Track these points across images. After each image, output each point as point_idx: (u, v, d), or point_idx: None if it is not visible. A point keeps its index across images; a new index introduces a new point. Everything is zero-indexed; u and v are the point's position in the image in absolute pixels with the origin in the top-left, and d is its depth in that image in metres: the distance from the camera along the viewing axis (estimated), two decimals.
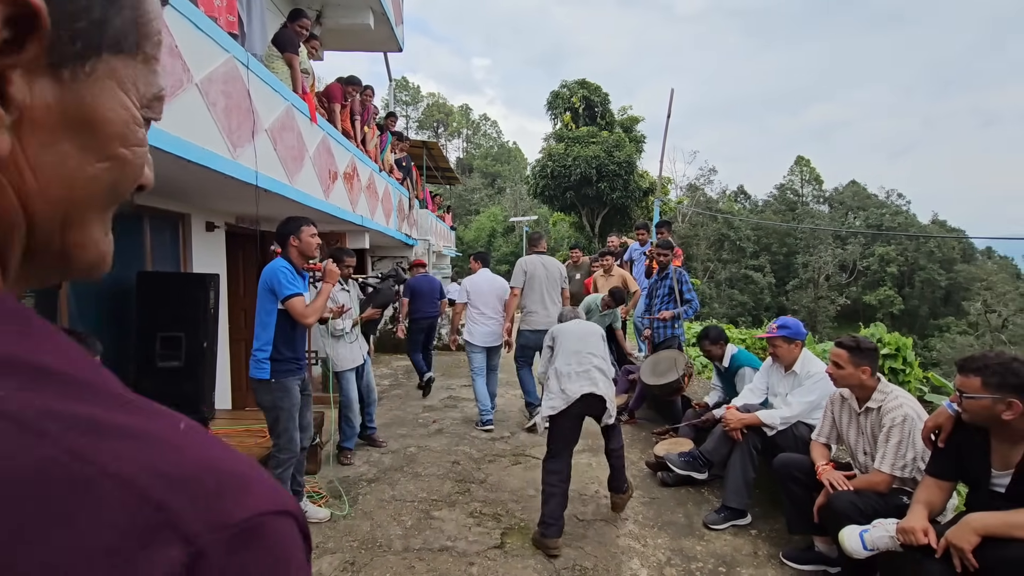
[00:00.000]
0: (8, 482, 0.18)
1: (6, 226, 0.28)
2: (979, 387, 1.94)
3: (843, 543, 2.27)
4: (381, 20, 7.33)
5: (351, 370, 4.34)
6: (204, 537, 0.21)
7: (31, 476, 0.19)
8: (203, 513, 0.22)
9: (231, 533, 0.23)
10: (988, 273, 38.50)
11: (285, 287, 2.90)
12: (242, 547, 0.22)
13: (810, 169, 46.36)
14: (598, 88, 25.89)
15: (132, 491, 0.20)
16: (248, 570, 0.22)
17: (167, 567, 0.20)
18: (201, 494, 0.22)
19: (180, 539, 0.21)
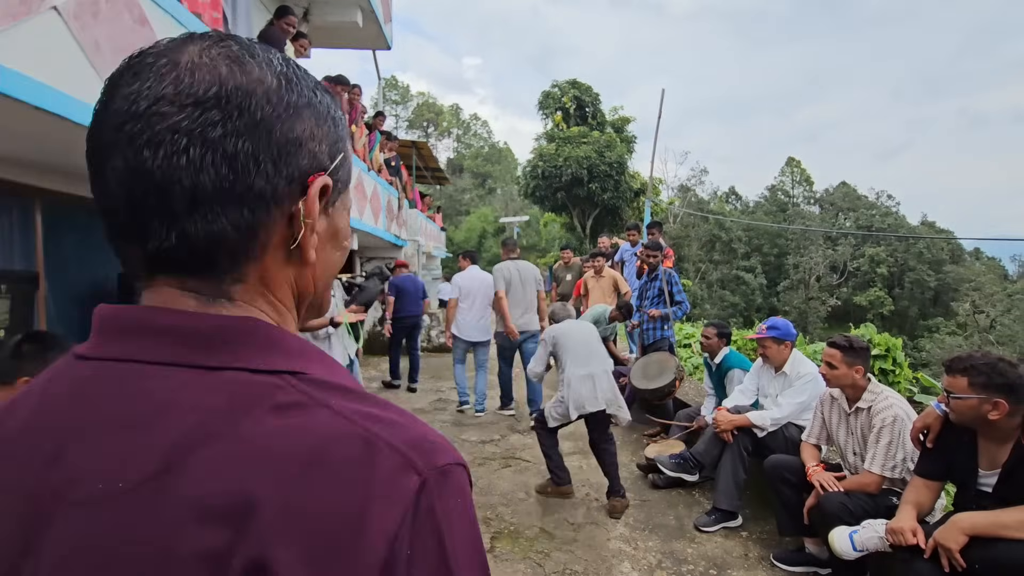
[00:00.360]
0: (343, 442, 0.36)
1: (306, 295, 0.49)
2: (966, 387, 1.94)
3: (833, 544, 2.26)
4: (369, 17, 7.29)
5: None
6: (425, 472, 0.37)
7: (354, 443, 0.37)
8: (424, 459, 0.38)
9: (439, 471, 0.38)
10: (976, 274, 39.04)
11: None
12: (443, 479, 0.39)
13: (801, 170, 46.74)
14: (589, 88, 25.96)
15: (393, 449, 0.37)
16: (446, 492, 0.38)
17: (411, 486, 0.36)
18: (422, 450, 0.38)
19: (415, 472, 0.37)
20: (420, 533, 0.36)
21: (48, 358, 1.98)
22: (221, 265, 0.42)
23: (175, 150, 0.38)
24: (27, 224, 3.20)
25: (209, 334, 0.40)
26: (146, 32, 2.65)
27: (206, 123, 0.39)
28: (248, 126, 0.40)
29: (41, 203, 3.26)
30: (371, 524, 0.34)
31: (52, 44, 2.13)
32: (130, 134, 0.39)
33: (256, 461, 0.35)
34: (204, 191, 0.39)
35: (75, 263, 3.57)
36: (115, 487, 0.35)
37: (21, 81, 1.96)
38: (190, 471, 0.35)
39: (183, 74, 0.40)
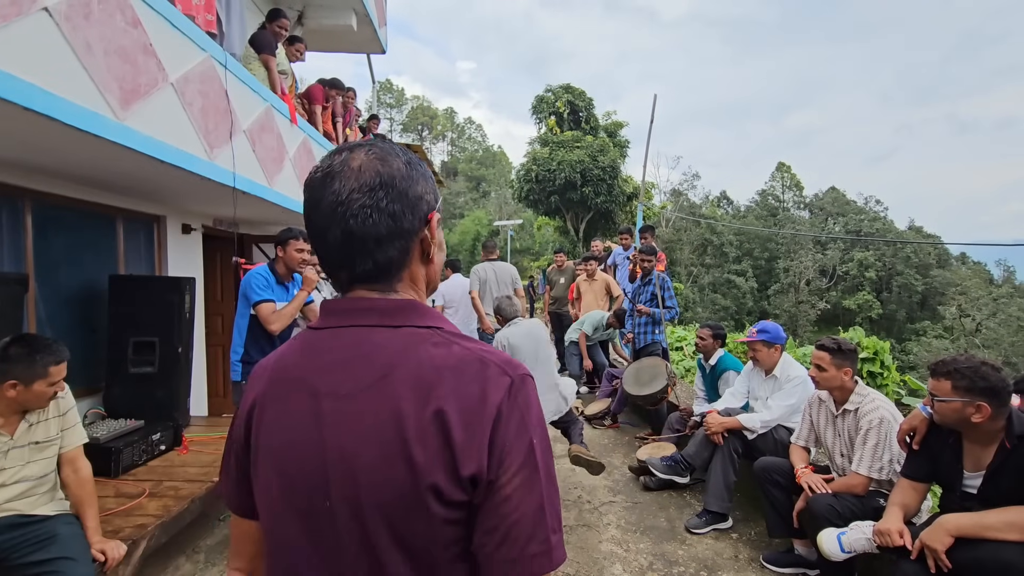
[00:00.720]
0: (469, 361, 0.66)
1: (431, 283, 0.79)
2: (949, 390, 1.97)
3: (821, 546, 2.28)
4: (364, 21, 7.28)
5: None
6: (513, 375, 0.67)
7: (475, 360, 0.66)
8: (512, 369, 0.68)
9: (520, 376, 0.68)
10: (962, 278, 39.54)
11: (256, 292, 2.94)
12: (522, 380, 0.68)
13: (791, 175, 47.19)
14: (583, 93, 26.07)
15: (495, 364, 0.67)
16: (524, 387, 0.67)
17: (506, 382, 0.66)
18: (511, 365, 0.68)
19: (508, 375, 0.66)
20: (512, 405, 0.66)
21: (36, 360, 1.97)
22: (391, 273, 0.73)
23: (366, 217, 0.68)
24: (16, 225, 3.17)
25: (391, 309, 0.71)
26: (138, 33, 2.64)
27: (378, 199, 0.69)
28: (397, 194, 0.70)
29: (31, 204, 3.23)
30: (489, 398, 0.65)
31: (43, 45, 2.11)
32: (341, 214, 0.68)
33: (429, 368, 0.66)
34: (382, 236, 0.70)
35: (65, 265, 3.53)
36: (355, 387, 0.67)
37: (11, 82, 1.94)
38: (396, 376, 0.66)
39: (359, 175, 0.70)
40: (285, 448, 0.68)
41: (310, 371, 0.70)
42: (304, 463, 0.66)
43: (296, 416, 0.69)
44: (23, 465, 2.00)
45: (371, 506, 0.63)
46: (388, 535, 0.63)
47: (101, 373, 3.66)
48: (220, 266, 5.51)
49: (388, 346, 0.68)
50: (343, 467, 0.64)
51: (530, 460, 0.65)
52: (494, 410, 0.64)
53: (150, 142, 2.70)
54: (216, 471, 3.07)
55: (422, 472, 0.62)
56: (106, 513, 2.43)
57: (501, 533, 0.63)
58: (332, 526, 0.65)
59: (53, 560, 1.88)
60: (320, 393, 0.68)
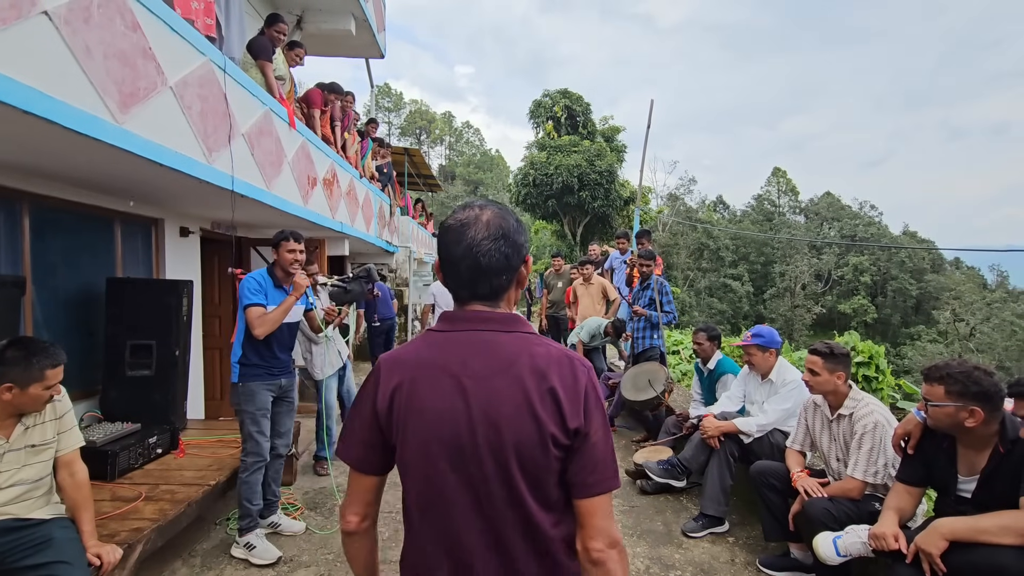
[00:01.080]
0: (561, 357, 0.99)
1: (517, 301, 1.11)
2: (943, 395, 1.98)
3: (817, 549, 2.29)
4: (363, 26, 7.31)
5: (332, 376, 4.27)
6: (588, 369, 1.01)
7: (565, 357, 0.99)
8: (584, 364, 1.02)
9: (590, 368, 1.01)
10: (956, 283, 39.75)
11: (246, 296, 2.94)
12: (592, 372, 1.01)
13: (786, 180, 47.40)
14: (580, 98, 26.18)
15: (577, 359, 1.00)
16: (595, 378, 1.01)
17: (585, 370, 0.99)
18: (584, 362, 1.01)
19: (584, 367, 1.00)
20: (591, 387, 0.98)
21: (32, 363, 1.96)
22: (499, 295, 1.03)
23: (490, 257, 0.98)
24: (14, 228, 3.16)
25: (505, 319, 1.01)
26: (137, 37, 2.64)
27: (500, 245, 0.99)
28: (511, 243, 1.00)
29: (28, 207, 3.22)
30: (579, 382, 0.96)
31: (42, 49, 2.12)
32: (474, 253, 0.98)
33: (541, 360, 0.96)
34: (499, 269, 0.99)
35: (62, 267, 3.52)
36: (489, 371, 0.96)
37: (11, 85, 1.95)
38: (519, 364, 0.96)
39: (487, 227, 0.99)
40: (439, 412, 0.97)
41: (448, 360, 0.99)
42: (456, 422, 0.96)
43: (445, 391, 0.97)
44: (19, 468, 1.99)
45: (509, 445, 0.94)
46: (517, 464, 0.94)
47: (98, 376, 3.65)
48: (218, 269, 5.51)
49: (509, 345, 0.99)
50: (487, 422, 0.95)
51: (604, 422, 1.00)
52: (583, 389, 0.97)
53: (149, 145, 2.71)
54: (212, 475, 3.07)
55: (544, 425, 0.94)
56: (102, 517, 2.42)
57: (591, 465, 0.97)
58: (478, 461, 0.95)
59: (49, 564, 1.87)
60: (460, 375, 0.97)
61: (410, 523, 1.03)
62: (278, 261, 3.07)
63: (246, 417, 2.97)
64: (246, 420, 2.97)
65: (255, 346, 3.00)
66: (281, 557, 2.92)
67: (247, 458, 2.95)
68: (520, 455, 0.94)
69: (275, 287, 3.06)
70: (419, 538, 1.01)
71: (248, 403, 2.96)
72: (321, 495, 3.80)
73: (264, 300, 2.96)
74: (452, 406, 0.96)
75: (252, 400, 2.97)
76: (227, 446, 3.55)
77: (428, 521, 0.99)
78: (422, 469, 0.98)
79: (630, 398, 4.63)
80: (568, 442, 0.95)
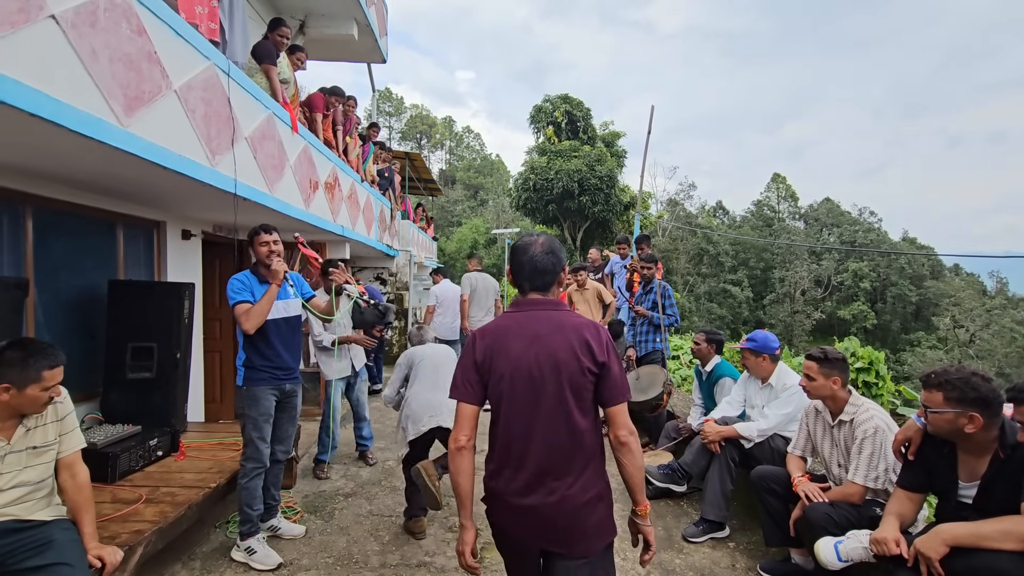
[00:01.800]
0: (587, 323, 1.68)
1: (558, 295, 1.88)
2: (941, 401, 1.98)
3: (818, 554, 2.29)
4: (365, 31, 7.35)
5: (340, 380, 4.32)
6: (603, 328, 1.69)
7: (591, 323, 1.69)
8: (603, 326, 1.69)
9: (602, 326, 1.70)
10: (956, 289, 39.82)
11: (231, 296, 2.90)
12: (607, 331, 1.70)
13: (786, 186, 47.52)
14: (580, 103, 26.28)
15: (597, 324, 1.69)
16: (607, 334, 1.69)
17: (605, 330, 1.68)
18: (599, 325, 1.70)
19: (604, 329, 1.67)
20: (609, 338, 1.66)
21: (29, 364, 1.96)
22: (549, 287, 1.72)
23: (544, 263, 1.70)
24: (17, 230, 3.17)
25: (551, 302, 1.70)
26: (143, 41, 2.66)
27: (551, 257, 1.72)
28: (555, 256, 1.73)
29: (31, 209, 3.23)
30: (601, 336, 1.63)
31: (50, 52, 2.13)
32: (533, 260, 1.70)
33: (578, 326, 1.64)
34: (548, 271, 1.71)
35: (65, 269, 3.52)
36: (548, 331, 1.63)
37: (18, 88, 1.96)
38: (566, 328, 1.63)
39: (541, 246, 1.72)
40: (519, 354, 1.62)
41: (521, 325, 1.66)
42: (529, 360, 1.61)
43: (521, 342, 1.63)
44: (20, 470, 1.99)
45: (564, 373, 1.58)
46: (568, 385, 1.59)
47: (99, 378, 3.65)
48: (219, 272, 5.52)
49: (557, 316, 1.66)
50: (549, 361, 1.59)
51: (618, 359, 1.64)
52: (604, 340, 1.63)
53: (153, 148, 2.72)
54: (212, 478, 3.07)
55: (583, 361, 1.58)
56: (103, 519, 2.42)
57: (612, 386, 1.61)
58: (543, 384, 1.59)
59: (50, 566, 1.87)
60: (530, 333, 1.63)
61: (498, 419, 1.69)
62: (255, 255, 3.01)
63: (248, 422, 2.93)
64: (248, 425, 2.93)
65: (257, 347, 2.96)
66: (282, 563, 2.91)
67: (247, 463, 2.92)
68: (570, 379, 1.59)
69: (260, 283, 2.99)
70: (505, 427, 1.67)
71: (251, 407, 2.93)
72: (321, 499, 3.79)
73: (250, 297, 2.91)
74: (526, 351, 1.62)
75: (256, 404, 2.93)
76: (227, 449, 3.55)
77: (511, 415, 1.65)
78: (508, 387, 1.63)
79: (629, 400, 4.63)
80: (597, 371, 1.60)
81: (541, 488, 1.59)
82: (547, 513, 1.59)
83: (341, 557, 3.01)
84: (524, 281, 1.71)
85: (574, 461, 1.60)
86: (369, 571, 2.87)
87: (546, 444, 1.59)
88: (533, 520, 1.61)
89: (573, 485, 1.59)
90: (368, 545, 3.15)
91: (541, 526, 1.61)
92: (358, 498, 3.82)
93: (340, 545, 3.14)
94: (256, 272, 3.00)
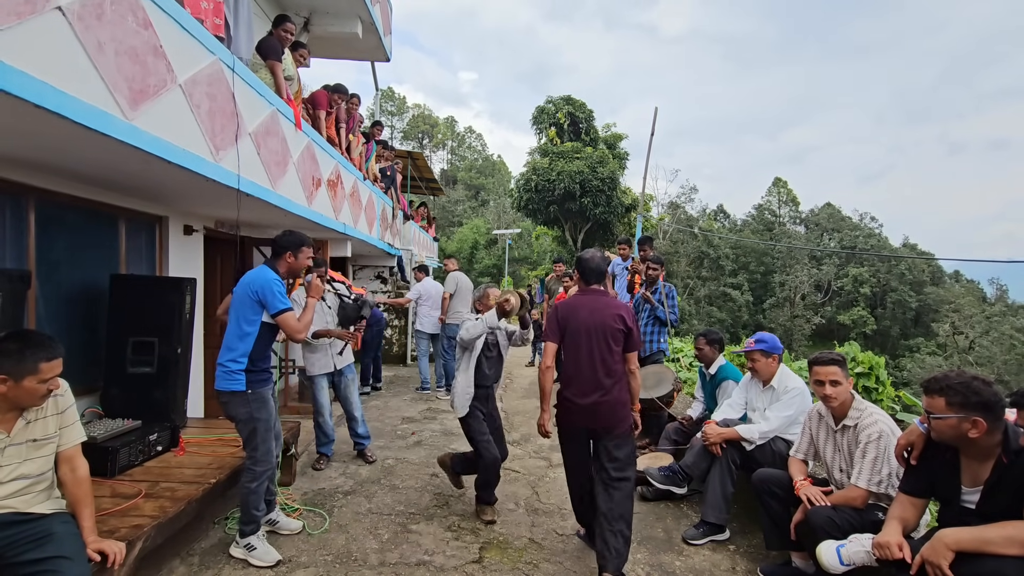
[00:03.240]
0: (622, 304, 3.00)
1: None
2: (944, 407, 1.97)
3: (820, 558, 2.28)
4: (369, 29, 7.35)
5: (322, 375, 4.36)
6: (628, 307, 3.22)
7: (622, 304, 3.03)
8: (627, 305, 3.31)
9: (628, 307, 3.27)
10: (956, 296, 39.81)
11: (279, 301, 2.84)
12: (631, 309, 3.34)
13: (787, 190, 47.53)
14: (583, 105, 26.29)
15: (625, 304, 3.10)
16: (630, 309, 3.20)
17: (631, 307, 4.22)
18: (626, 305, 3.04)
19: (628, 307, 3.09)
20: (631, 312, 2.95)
21: (26, 356, 1.95)
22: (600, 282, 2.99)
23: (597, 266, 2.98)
24: (20, 222, 3.16)
25: (602, 291, 2.98)
26: (148, 35, 2.66)
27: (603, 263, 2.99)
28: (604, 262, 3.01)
29: (34, 202, 3.22)
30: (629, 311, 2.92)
31: (55, 44, 2.13)
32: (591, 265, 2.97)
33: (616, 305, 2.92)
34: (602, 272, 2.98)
35: (67, 263, 3.51)
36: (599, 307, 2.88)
37: (23, 79, 1.96)
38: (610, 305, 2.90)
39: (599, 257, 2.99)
40: (583, 318, 2.85)
41: (584, 304, 2.90)
42: (588, 322, 2.84)
43: (584, 313, 2.86)
44: (20, 463, 1.98)
45: (608, 330, 2.82)
46: (610, 337, 2.82)
47: (99, 372, 3.64)
48: (220, 268, 5.51)
49: (604, 298, 2.92)
50: (599, 325, 2.83)
51: (637, 325, 2.96)
52: (631, 313, 2.91)
53: (158, 142, 2.71)
54: (212, 473, 3.05)
55: (620, 324, 2.83)
56: (102, 513, 2.41)
57: (633, 341, 2.87)
58: (595, 336, 2.82)
59: (49, 559, 1.86)
60: (588, 308, 2.87)
61: (567, 355, 2.87)
62: (293, 264, 3.01)
63: (260, 425, 2.87)
64: (260, 428, 2.87)
65: (265, 352, 2.95)
66: (280, 560, 2.90)
67: (257, 467, 2.88)
68: (612, 334, 2.80)
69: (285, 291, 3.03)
70: (571, 362, 2.85)
71: (261, 410, 2.88)
72: (320, 496, 3.78)
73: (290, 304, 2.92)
74: (588, 317, 2.83)
75: (265, 407, 2.90)
76: (227, 445, 3.54)
77: (578, 353, 2.83)
78: (574, 338, 2.84)
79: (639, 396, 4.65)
80: (625, 331, 2.80)
81: (595, 393, 2.80)
82: (599, 409, 2.80)
83: (340, 555, 3.00)
84: (586, 280, 2.96)
85: (612, 378, 2.81)
86: (368, 569, 2.86)
87: (596, 369, 2.80)
88: (589, 413, 2.82)
89: (610, 392, 2.80)
90: (367, 543, 3.14)
91: (594, 417, 2.82)
92: (357, 496, 3.81)
93: (339, 543, 3.13)
94: (278, 274, 2.99)
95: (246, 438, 2.92)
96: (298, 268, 3.04)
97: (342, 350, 4.46)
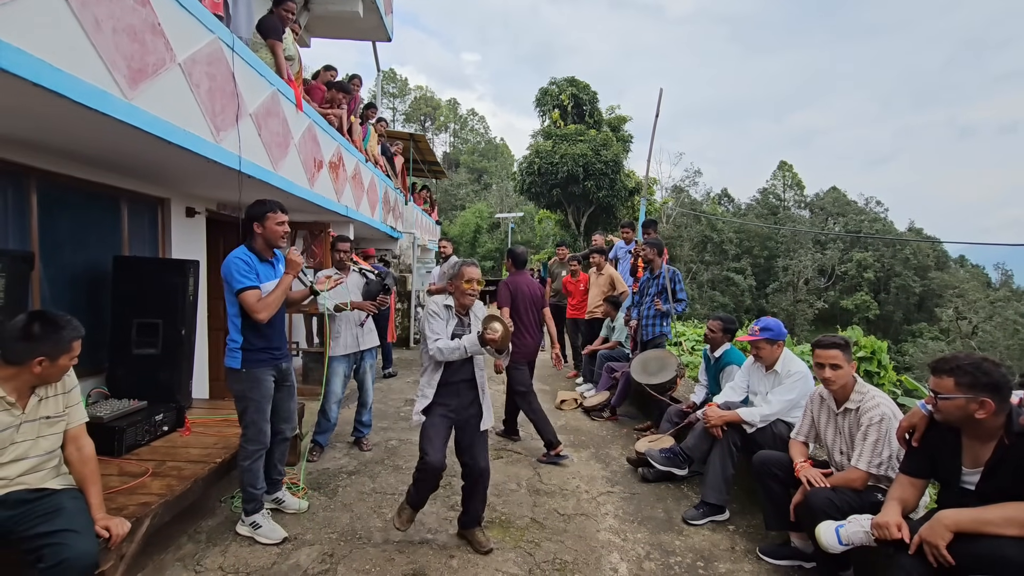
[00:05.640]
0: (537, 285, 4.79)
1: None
2: (952, 387, 1.97)
3: (819, 537, 2.30)
4: (370, 8, 7.24)
5: (342, 359, 4.21)
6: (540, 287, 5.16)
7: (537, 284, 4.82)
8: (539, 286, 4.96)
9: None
10: (960, 281, 39.61)
11: (237, 280, 2.74)
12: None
13: (792, 174, 47.06)
14: (587, 87, 25.93)
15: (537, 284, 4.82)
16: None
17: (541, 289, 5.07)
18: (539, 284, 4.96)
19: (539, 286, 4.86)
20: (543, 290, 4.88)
21: (62, 336, 1.98)
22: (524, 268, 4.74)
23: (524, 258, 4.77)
24: (22, 204, 3.16)
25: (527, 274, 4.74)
26: (146, 12, 2.62)
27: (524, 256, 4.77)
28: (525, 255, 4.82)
29: (36, 183, 3.21)
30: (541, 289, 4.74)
31: (52, 21, 2.10)
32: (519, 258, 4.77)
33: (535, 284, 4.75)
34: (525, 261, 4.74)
35: (70, 244, 3.52)
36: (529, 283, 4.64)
37: (20, 57, 1.93)
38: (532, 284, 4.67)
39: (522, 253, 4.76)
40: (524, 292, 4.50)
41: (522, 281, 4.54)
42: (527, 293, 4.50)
43: (526, 287, 4.53)
44: (35, 440, 2.02)
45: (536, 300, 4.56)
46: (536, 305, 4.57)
47: (104, 354, 3.67)
48: (223, 250, 5.50)
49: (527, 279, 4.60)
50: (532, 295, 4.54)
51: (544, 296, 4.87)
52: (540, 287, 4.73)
53: (157, 122, 2.70)
54: (218, 453, 3.10)
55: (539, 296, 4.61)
56: (110, 491, 2.45)
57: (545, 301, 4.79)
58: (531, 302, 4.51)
59: (58, 532, 1.89)
60: (525, 283, 4.55)
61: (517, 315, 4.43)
62: (264, 235, 2.85)
63: (250, 404, 2.87)
64: (250, 408, 2.87)
65: (258, 329, 2.87)
66: (286, 538, 2.94)
67: (248, 445, 2.88)
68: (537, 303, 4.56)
69: (261, 262, 2.87)
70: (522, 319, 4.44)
71: (253, 390, 2.87)
72: (325, 476, 3.83)
73: (256, 281, 2.80)
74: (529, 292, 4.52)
75: (258, 387, 2.88)
76: (232, 425, 3.57)
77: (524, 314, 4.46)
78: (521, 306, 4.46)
79: (643, 381, 4.66)
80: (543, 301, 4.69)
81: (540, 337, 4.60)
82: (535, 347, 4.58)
83: (344, 533, 3.05)
84: (518, 264, 4.53)
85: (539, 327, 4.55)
86: (372, 547, 2.91)
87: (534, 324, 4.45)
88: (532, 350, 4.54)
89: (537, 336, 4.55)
90: (371, 522, 3.18)
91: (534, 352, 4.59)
92: (361, 476, 3.86)
93: (343, 521, 3.18)
94: (254, 250, 2.86)
95: (240, 415, 2.92)
96: (273, 236, 2.86)
97: (363, 321, 4.31)
